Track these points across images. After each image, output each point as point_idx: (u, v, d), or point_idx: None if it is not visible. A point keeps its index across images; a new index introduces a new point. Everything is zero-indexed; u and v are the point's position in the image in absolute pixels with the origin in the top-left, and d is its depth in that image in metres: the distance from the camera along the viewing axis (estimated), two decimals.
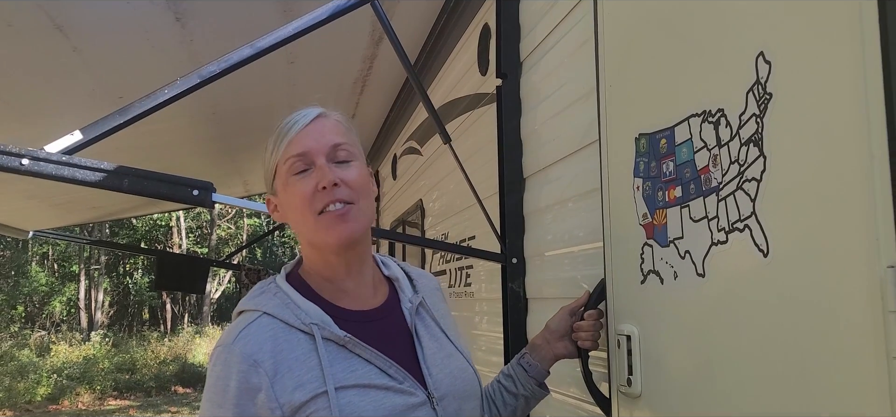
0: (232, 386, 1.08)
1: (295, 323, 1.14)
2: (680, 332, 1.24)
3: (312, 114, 1.21)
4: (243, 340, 1.11)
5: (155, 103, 1.66)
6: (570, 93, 1.88)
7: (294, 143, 1.19)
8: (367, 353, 1.14)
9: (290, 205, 1.19)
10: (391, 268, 1.33)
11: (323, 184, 1.15)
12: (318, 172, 1.16)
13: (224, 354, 1.11)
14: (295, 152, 1.18)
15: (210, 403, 1.11)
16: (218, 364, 1.11)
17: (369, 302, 1.25)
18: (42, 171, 1.58)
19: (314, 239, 1.19)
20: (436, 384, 1.19)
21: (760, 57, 1.00)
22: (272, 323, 1.14)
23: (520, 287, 2.17)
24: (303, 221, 1.18)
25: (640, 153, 1.36)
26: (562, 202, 1.96)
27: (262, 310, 1.15)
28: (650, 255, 1.32)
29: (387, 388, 1.13)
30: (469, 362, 1.29)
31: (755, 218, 1.02)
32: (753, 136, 1.02)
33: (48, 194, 4.45)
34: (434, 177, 3.58)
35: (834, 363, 0.87)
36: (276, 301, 1.17)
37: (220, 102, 3.43)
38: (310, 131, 1.20)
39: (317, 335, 1.12)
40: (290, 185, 1.18)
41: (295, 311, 1.15)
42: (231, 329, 1.15)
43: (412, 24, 3.27)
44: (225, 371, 1.10)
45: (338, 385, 1.09)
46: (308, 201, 1.16)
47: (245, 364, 1.09)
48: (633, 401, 1.38)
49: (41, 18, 2.23)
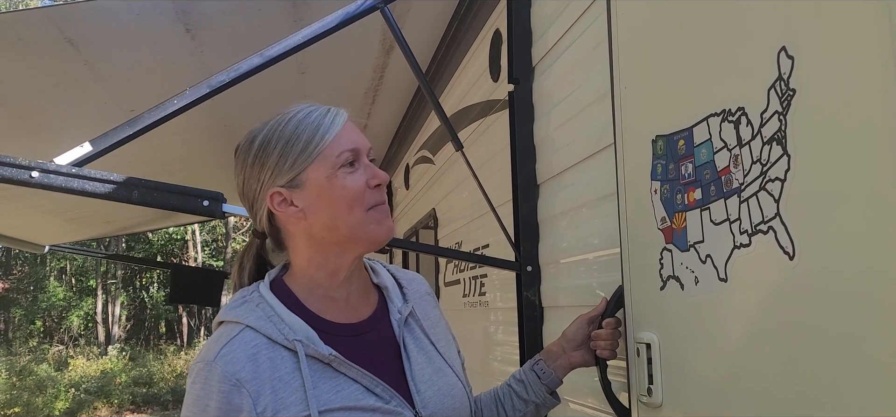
0: (212, 407, 1.04)
1: (278, 339, 1.08)
2: (702, 339, 1.20)
3: (346, 114, 1.18)
4: (225, 358, 1.06)
5: (164, 113, 1.65)
6: (584, 96, 1.85)
7: (343, 137, 1.15)
8: (353, 372, 1.10)
9: (334, 197, 1.13)
10: (381, 276, 1.28)
11: (376, 182, 1.15)
12: (369, 169, 1.16)
13: (205, 372, 1.06)
14: (347, 146, 1.14)
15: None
16: (198, 383, 1.06)
17: (357, 313, 1.20)
18: (52, 184, 1.57)
19: (356, 235, 1.14)
20: (423, 402, 1.14)
21: (782, 52, 0.97)
22: (255, 337, 1.09)
23: (535, 295, 2.13)
24: (348, 215, 1.13)
25: (657, 155, 1.32)
26: (577, 208, 1.92)
27: (244, 323, 1.10)
28: (669, 260, 1.28)
29: (373, 409, 1.08)
30: (459, 377, 1.24)
31: (780, 219, 0.98)
32: (776, 135, 0.98)
33: (62, 209, 4.47)
34: (447, 186, 3.56)
35: (866, 370, 0.83)
36: (258, 312, 1.12)
37: (231, 115, 3.43)
38: (353, 128, 1.18)
39: (300, 353, 1.08)
40: (337, 178, 1.13)
41: (278, 325, 1.10)
42: (212, 343, 1.10)
43: (422, 32, 3.25)
44: (205, 391, 1.05)
45: (322, 408, 1.05)
46: (360, 196, 1.13)
47: (227, 384, 1.04)
48: (654, 411, 1.34)
49: (52, 32, 2.23)
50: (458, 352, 1.34)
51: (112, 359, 17.58)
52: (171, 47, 2.59)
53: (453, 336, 1.35)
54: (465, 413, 1.22)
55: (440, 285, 3.79)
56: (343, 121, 1.16)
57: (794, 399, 0.96)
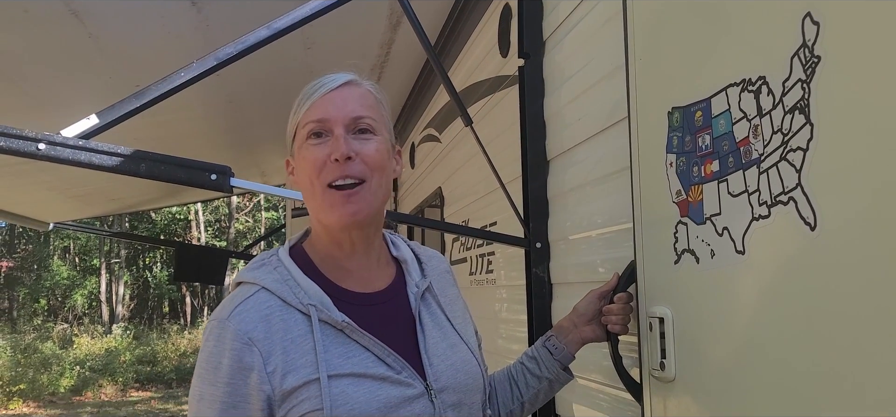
0: (224, 364, 1.04)
1: (293, 302, 1.09)
2: (718, 313, 1.18)
3: (340, 80, 1.15)
4: (238, 316, 1.07)
5: (171, 86, 1.63)
6: (597, 70, 1.83)
7: (315, 107, 1.13)
8: (365, 340, 1.09)
9: (302, 170, 1.14)
10: (400, 249, 1.27)
11: (335, 156, 1.09)
12: (334, 142, 1.10)
13: (218, 329, 1.07)
14: (314, 117, 1.12)
15: (201, 379, 1.07)
16: (211, 340, 1.07)
17: (374, 284, 1.19)
18: (58, 156, 1.55)
19: (317, 214, 1.14)
20: (436, 375, 1.13)
21: (807, 17, 0.94)
22: (270, 299, 1.09)
23: (544, 272, 2.12)
24: (311, 191, 1.13)
25: (673, 128, 1.30)
26: (587, 184, 1.90)
27: (260, 284, 1.11)
28: (685, 234, 1.27)
29: (383, 378, 1.07)
30: (474, 354, 1.22)
31: (801, 189, 0.96)
32: (799, 103, 0.96)
33: (67, 185, 4.46)
34: (454, 164, 3.54)
35: (888, 343, 0.82)
36: (275, 275, 1.12)
37: (236, 90, 3.40)
38: (333, 97, 1.13)
39: (313, 317, 1.08)
40: (303, 150, 1.12)
41: (294, 289, 1.10)
42: (227, 302, 1.11)
43: (430, 7, 3.22)
44: (218, 348, 1.06)
45: (332, 373, 1.04)
46: (318, 169, 1.10)
47: (239, 342, 1.05)
48: (667, 386, 1.33)
49: (57, 4, 2.20)
50: (476, 332, 1.33)
51: (116, 338, 17.66)
52: (177, 20, 2.57)
53: (470, 316, 1.34)
54: (479, 390, 1.21)
55: None
56: (327, 89, 1.14)
57: (812, 373, 0.94)
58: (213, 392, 1.05)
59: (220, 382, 1.04)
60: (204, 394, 1.06)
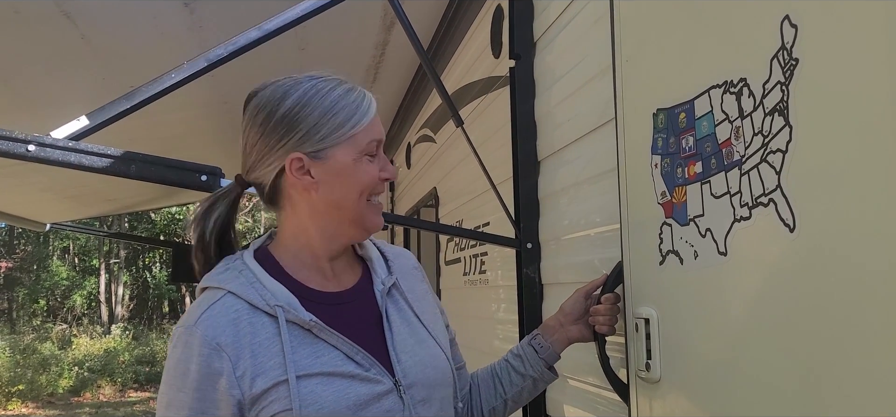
0: (192, 370, 1.05)
1: (260, 305, 1.09)
2: (701, 314, 1.19)
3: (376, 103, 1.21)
4: (206, 322, 1.07)
5: (162, 87, 1.63)
6: (586, 71, 1.83)
7: (376, 127, 1.19)
8: (333, 339, 1.10)
9: (350, 180, 1.15)
10: (366, 248, 1.29)
11: (386, 176, 1.19)
12: (382, 161, 1.20)
13: (185, 336, 1.08)
14: (377, 136, 1.18)
15: (169, 386, 1.07)
16: (179, 346, 1.08)
17: (341, 283, 1.22)
18: (48, 157, 1.56)
19: (356, 219, 1.18)
20: (404, 371, 1.15)
21: (786, 20, 0.95)
22: (236, 303, 1.10)
23: (535, 272, 2.12)
24: (354, 200, 1.17)
25: (658, 129, 1.31)
26: (578, 184, 1.91)
27: (226, 289, 1.11)
28: (669, 235, 1.27)
29: (352, 376, 1.09)
30: (442, 349, 1.24)
31: (781, 191, 0.97)
32: (778, 105, 0.97)
33: (63, 186, 4.46)
34: (448, 164, 3.54)
35: (867, 342, 0.82)
36: (241, 279, 1.12)
37: (231, 91, 3.40)
38: (378, 119, 1.21)
39: (281, 318, 1.08)
40: (361, 163, 1.16)
41: (260, 291, 1.11)
42: (194, 308, 1.11)
43: (424, 8, 3.22)
44: (186, 354, 1.07)
45: (300, 373, 1.06)
46: (373, 186, 1.18)
47: (207, 348, 1.05)
48: (653, 386, 1.33)
49: (48, 5, 2.21)
50: (447, 327, 1.35)
51: (115, 338, 17.66)
52: (170, 21, 2.57)
53: (442, 310, 1.36)
54: (448, 384, 1.22)
55: (441, 264, 3.79)
56: (376, 108, 1.20)
57: (793, 372, 0.95)
58: (181, 399, 1.06)
59: (189, 388, 1.05)
60: (172, 401, 1.07)
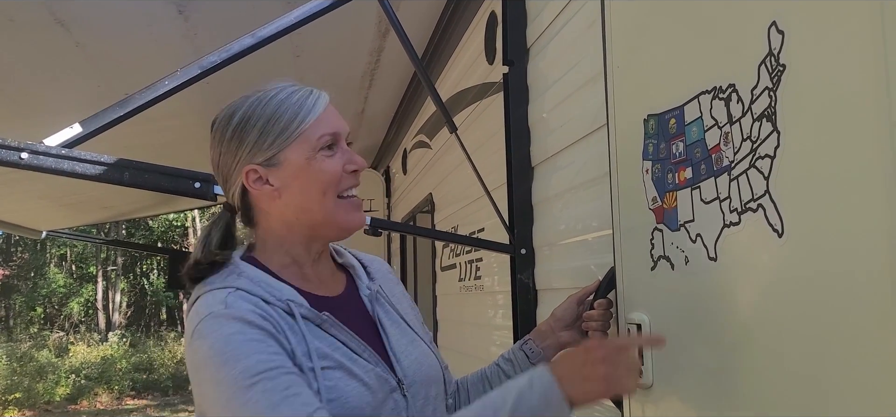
0: (247, 331, 1.00)
1: (270, 300, 1.08)
2: (692, 319, 1.19)
3: (327, 96, 1.19)
4: (233, 305, 1.04)
5: (155, 95, 1.64)
6: (578, 77, 1.84)
7: (324, 120, 1.15)
8: (343, 335, 1.11)
9: (310, 179, 1.13)
10: (345, 256, 1.30)
11: (353, 168, 1.16)
12: (346, 154, 1.16)
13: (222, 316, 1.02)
14: (328, 130, 1.15)
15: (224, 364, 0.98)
16: (215, 329, 1.01)
17: (331, 290, 1.21)
18: (41, 165, 1.56)
19: (328, 219, 1.15)
20: (404, 371, 1.16)
21: (773, 27, 0.95)
22: (248, 296, 1.07)
23: (529, 278, 2.12)
24: (320, 200, 1.14)
25: (648, 135, 1.31)
26: (571, 190, 1.91)
27: (234, 287, 1.08)
28: (660, 240, 1.28)
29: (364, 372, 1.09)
30: (430, 347, 1.26)
31: (769, 196, 0.97)
32: (766, 111, 0.97)
33: (59, 193, 4.46)
34: (444, 171, 3.55)
35: (854, 345, 0.82)
36: (244, 279, 1.10)
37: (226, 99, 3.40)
38: (333, 112, 1.18)
39: (296, 312, 1.08)
40: (315, 161, 1.13)
41: (267, 288, 1.10)
42: (208, 302, 1.06)
43: (419, 14, 3.23)
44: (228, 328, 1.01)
45: (323, 365, 1.05)
46: (336, 180, 1.14)
47: (251, 316, 1.02)
48: (645, 393, 1.33)
49: (42, 13, 2.21)
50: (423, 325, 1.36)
51: (112, 346, 17.60)
52: (164, 29, 2.58)
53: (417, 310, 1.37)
54: (440, 382, 1.24)
55: (437, 269, 3.79)
56: (325, 103, 1.17)
57: (783, 377, 0.95)
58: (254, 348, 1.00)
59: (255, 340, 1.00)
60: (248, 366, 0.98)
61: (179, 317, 22.98)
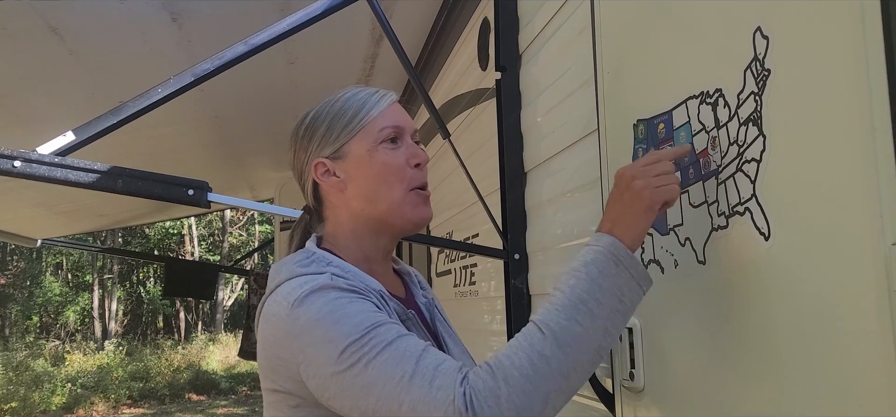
0: (358, 300, 1.01)
1: (360, 288, 1.06)
2: (682, 322, 1.20)
3: (394, 95, 1.21)
4: (331, 280, 1.03)
5: (148, 102, 1.64)
6: (570, 82, 1.84)
7: (388, 114, 1.18)
8: (423, 333, 1.13)
9: (372, 171, 1.15)
10: (400, 264, 1.32)
11: (417, 161, 1.17)
12: (411, 149, 1.18)
13: (321, 287, 1.02)
14: (391, 123, 1.17)
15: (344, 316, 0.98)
16: (324, 295, 1.01)
17: (397, 291, 1.22)
18: (34, 173, 1.56)
19: (395, 211, 1.15)
20: None
21: (758, 32, 0.96)
22: (338, 280, 1.05)
23: (523, 283, 2.13)
24: (387, 191, 1.14)
25: (638, 140, 1.32)
26: (564, 194, 1.92)
27: (328, 272, 1.06)
28: (650, 244, 1.28)
29: None
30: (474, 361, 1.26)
31: (756, 200, 0.98)
32: (752, 115, 0.98)
33: (54, 202, 4.46)
34: (438, 176, 3.55)
35: (839, 345, 0.83)
36: (332, 268, 1.08)
37: (221, 105, 3.41)
38: (398, 108, 1.20)
39: (387, 300, 1.08)
40: (377, 152, 1.15)
41: (358, 277, 1.08)
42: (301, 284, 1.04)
43: (411, 21, 3.24)
44: (326, 296, 1.01)
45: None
46: (401, 172, 1.15)
47: (344, 287, 1.02)
48: (637, 396, 1.34)
49: (36, 21, 2.21)
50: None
51: (109, 354, 17.54)
52: (158, 37, 2.58)
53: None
54: None
55: (432, 275, 3.79)
56: (390, 100, 1.20)
57: (772, 377, 0.96)
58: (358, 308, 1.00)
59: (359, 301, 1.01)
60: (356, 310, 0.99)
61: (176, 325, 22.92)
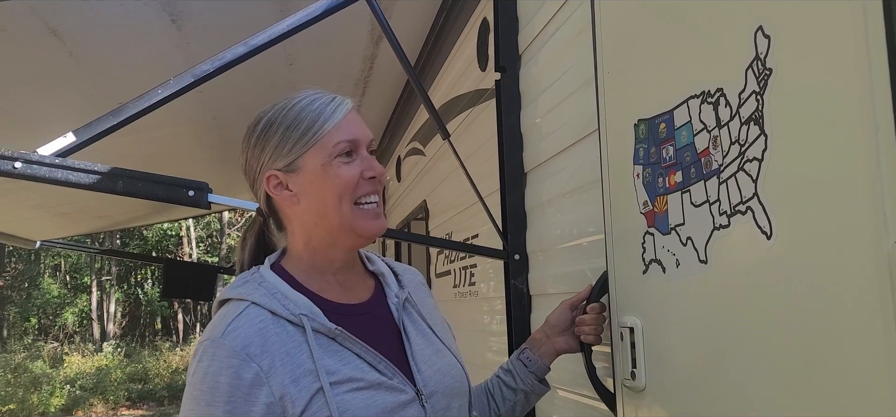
0: (223, 382, 1.02)
1: (283, 314, 1.09)
2: (684, 322, 1.20)
3: (350, 103, 1.20)
4: (233, 333, 1.05)
5: (148, 104, 1.64)
6: (570, 83, 1.85)
7: (344, 127, 1.16)
8: (357, 347, 1.10)
9: (326, 187, 1.14)
10: (376, 264, 1.30)
11: (371, 174, 1.16)
12: (365, 161, 1.17)
13: (212, 349, 1.05)
14: (345, 137, 1.15)
15: (197, 401, 1.03)
16: (205, 360, 1.04)
17: (357, 296, 1.22)
18: (35, 174, 1.56)
19: (346, 226, 1.16)
20: (424, 381, 1.15)
21: (759, 31, 0.96)
22: (260, 313, 1.08)
23: (523, 283, 2.13)
24: (336, 206, 1.14)
25: (639, 139, 1.32)
26: (564, 195, 1.92)
27: (249, 300, 1.10)
28: (652, 244, 1.28)
29: (378, 385, 1.09)
30: (457, 358, 1.25)
31: (757, 199, 0.98)
32: (754, 114, 0.98)
33: (53, 203, 4.45)
34: (437, 177, 3.55)
35: (842, 344, 0.83)
36: (261, 291, 1.12)
37: (220, 107, 3.41)
38: (354, 119, 1.18)
39: (307, 326, 1.08)
40: (332, 167, 1.14)
41: (282, 301, 1.10)
42: (217, 322, 1.10)
43: (411, 21, 3.24)
44: (214, 367, 1.04)
45: (332, 380, 1.05)
46: (352, 188, 1.15)
47: (237, 359, 1.03)
48: (638, 395, 1.34)
49: (35, 23, 2.21)
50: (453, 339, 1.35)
51: (107, 356, 17.54)
52: (158, 39, 2.58)
53: (448, 325, 1.36)
54: (464, 392, 1.23)
55: (432, 276, 3.79)
56: (346, 110, 1.18)
57: (774, 376, 0.96)
58: (211, 412, 1.02)
59: (219, 401, 1.02)
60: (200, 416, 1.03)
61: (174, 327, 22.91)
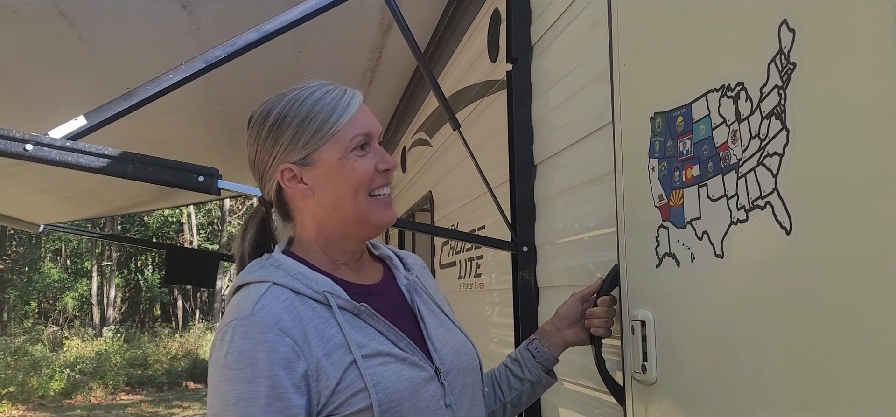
0: (261, 358, 1.02)
1: (306, 292, 1.10)
2: (697, 316, 1.20)
3: (360, 96, 1.21)
4: (263, 310, 1.05)
5: (159, 88, 1.64)
6: (583, 75, 1.84)
7: (358, 120, 1.17)
8: (381, 324, 1.13)
9: (342, 179, 1.15)
10: (381, 249, 1.33)
11: (385, 167, 1.18)
12: (379, 154, 1.19)
13: (243, 327, 1.04)
14: (361, 131, 1.17)
15: (236, 381, 1.02)
16: (237, 339, 1.03)
17: (370, 279, 1.24)
18: (46, 157, 1.56)
19: (361, 218, 1.17)
20: (441, 359, 1.18)
21: (784, 25, 0.96)
22: (284, 292, 1.09)
23: (530, 275, 2.13)
24: (352, 199, 1.16)
25: (655, 133, 1.32)
26: (574, 187, 1.92)
27: (270, 281, 1.10)
28: (666, 238, 1.28)
29: (403, 360, 1.11)
30: (467, 336, 1.29)
31: (777, 193, 0.97)
32: (775, 109, 0.98)
33: (58, 187, 4.45)
34: (444, 169, 3.55)
35: (862, 343, 0.83)
36: (281, 272, 1.12)
37: (227, 93, 3.40)
38: (366, 112, 1.20)
39: (332, 303, 1.09)
40: (348, 161, 1.15)
41: (304, 280, 1.11)
42: (241, 302, 1.09)
43: (421, 11, 3.23)
44: (249, 344, 1.03)
45: (362, 355, 1.07)
46: (367, 180, 1.16)
47: (271, 333, 1.03)
48: (649, 389, 1.34)
49: (46, 6, 2.21)
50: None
51: (107, 341, 17.57)
52: (167, 24, 2.57)
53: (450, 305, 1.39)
54: (476, 371, 1.26)
55: (436, 267, 3.79)
56: (358, 103, 1.19)
57: (788, 374, 0.96)
58: (254, 390, 1.01)
59: (261, 377, 1.01)
60: (244, 395, 1.01)
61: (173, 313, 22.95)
